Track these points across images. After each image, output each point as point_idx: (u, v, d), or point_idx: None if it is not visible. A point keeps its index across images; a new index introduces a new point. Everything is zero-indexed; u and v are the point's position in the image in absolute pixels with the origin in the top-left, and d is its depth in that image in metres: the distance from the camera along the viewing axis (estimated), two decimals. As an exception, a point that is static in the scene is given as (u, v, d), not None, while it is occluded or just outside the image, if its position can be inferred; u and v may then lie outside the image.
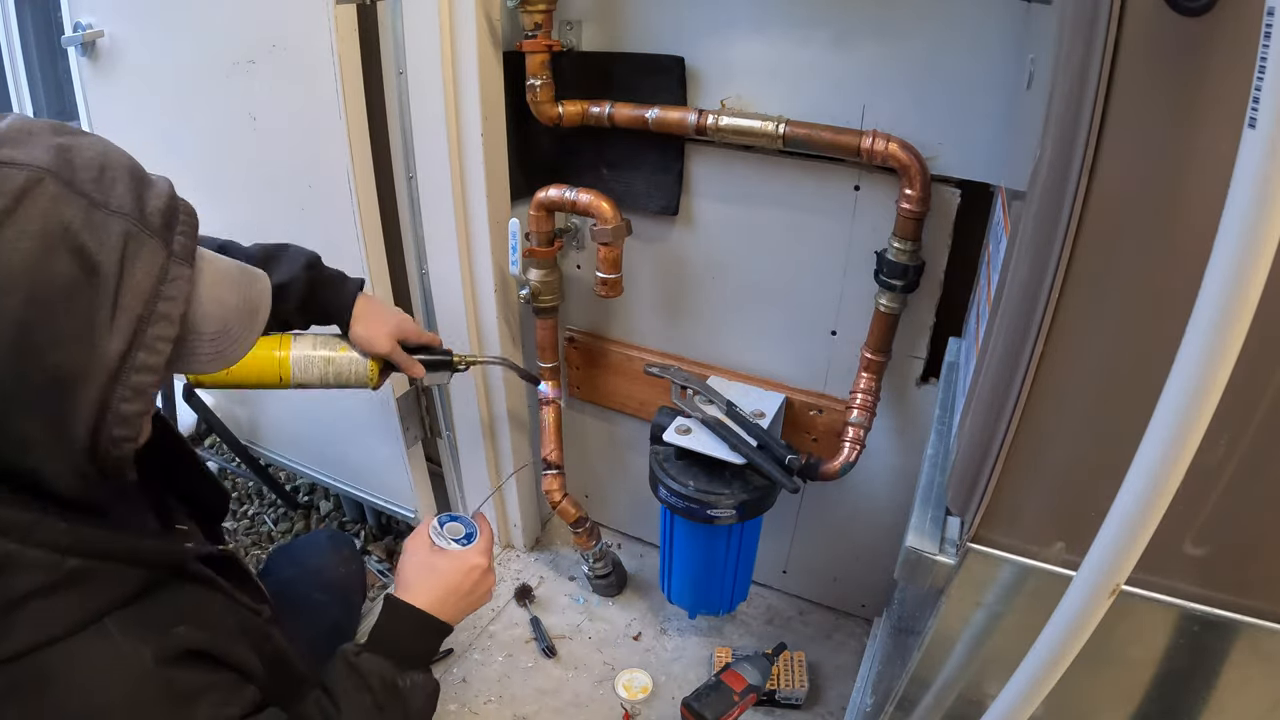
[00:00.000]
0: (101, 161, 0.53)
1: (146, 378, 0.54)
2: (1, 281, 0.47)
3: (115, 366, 0.53)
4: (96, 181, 0.52)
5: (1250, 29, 0.38)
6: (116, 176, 0.54)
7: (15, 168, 0.48)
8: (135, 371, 0.54)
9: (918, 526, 0.71)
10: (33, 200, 0.48)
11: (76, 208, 0.50)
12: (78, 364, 0.51)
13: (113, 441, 0.55)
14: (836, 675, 1.43)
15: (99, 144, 0.55)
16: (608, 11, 1.19)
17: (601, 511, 1.76)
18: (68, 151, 0.52)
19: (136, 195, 0.54)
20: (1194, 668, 0.63)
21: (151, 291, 0.54)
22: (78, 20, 1.52)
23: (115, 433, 0.54)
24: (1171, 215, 0.48)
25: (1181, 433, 0.44)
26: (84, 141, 0.54)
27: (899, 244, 1.08)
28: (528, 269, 1.33)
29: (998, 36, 0.94)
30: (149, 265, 0.54)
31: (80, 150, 0.53)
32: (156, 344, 0.54)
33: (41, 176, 0.49)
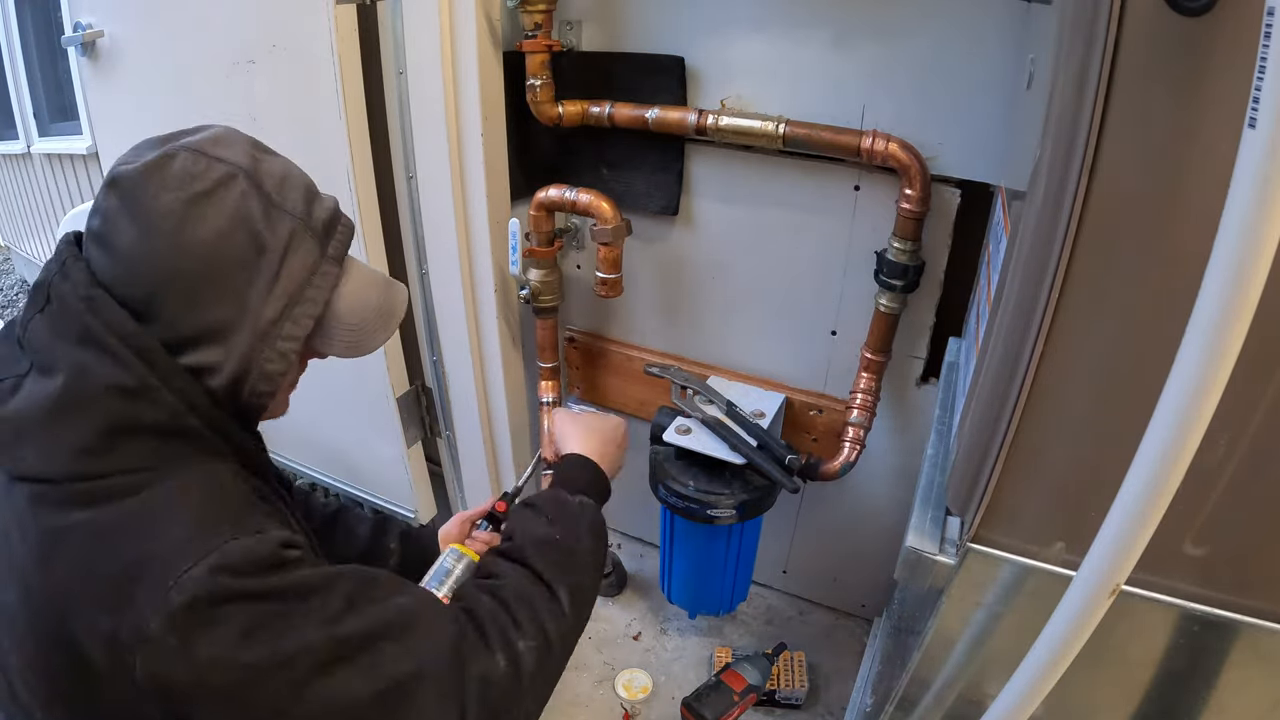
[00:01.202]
0: (284, 173, 0.68)
1: (289, 345, 0.67)
2: (190, 245, 0.61)
3: (265, 330, 0.65)
4: (278, 188, 0.66)
5: (1250, 29, 0.38)
6: (293, 187, 0.68)
7: (221, 163, 0.63)
8: (280, 339, 0.66)
9: (918, 526, 0.71)
10: (228, 189, 0.63)
11: (259, 202, 0.64)
12: (234, 322, 0.64)
13: (254, 394, 0.67)
14: (836, 675, 1.43)
15: (286, 162, 0.70)
16: (608, 11, 1.19)
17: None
18: (260, 161, 0.66)
19: (306, 204, 0.68)
20: (1194, 668, 0.63)
21: (304, 279, 0.67)
22: (78, 20, 1.52)
23: (258, 386, 0.66)
24: (1171, 215, 0.48)
25: (1181, 433, 0.44)
26: (274, 157, 0.69)
27: (899, 244, 1.08)
28: (528, 269, 1.33)
29: (998, 36, 0.94)
30: (305, 259, 0.67)
31: (270, 162, 0.68)
32: (301, 320, 0.67)
33: (237, 173, 0.63)
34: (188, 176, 0.61)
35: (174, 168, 0.62)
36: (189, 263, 0.61)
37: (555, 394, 1.46)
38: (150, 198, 0.61)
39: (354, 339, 0.72)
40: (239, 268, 0.63)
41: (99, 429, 0.60)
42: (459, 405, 1.55)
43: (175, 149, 0.63)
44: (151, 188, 0.61)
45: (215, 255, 0.62)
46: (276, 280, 0.65)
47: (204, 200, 0.61)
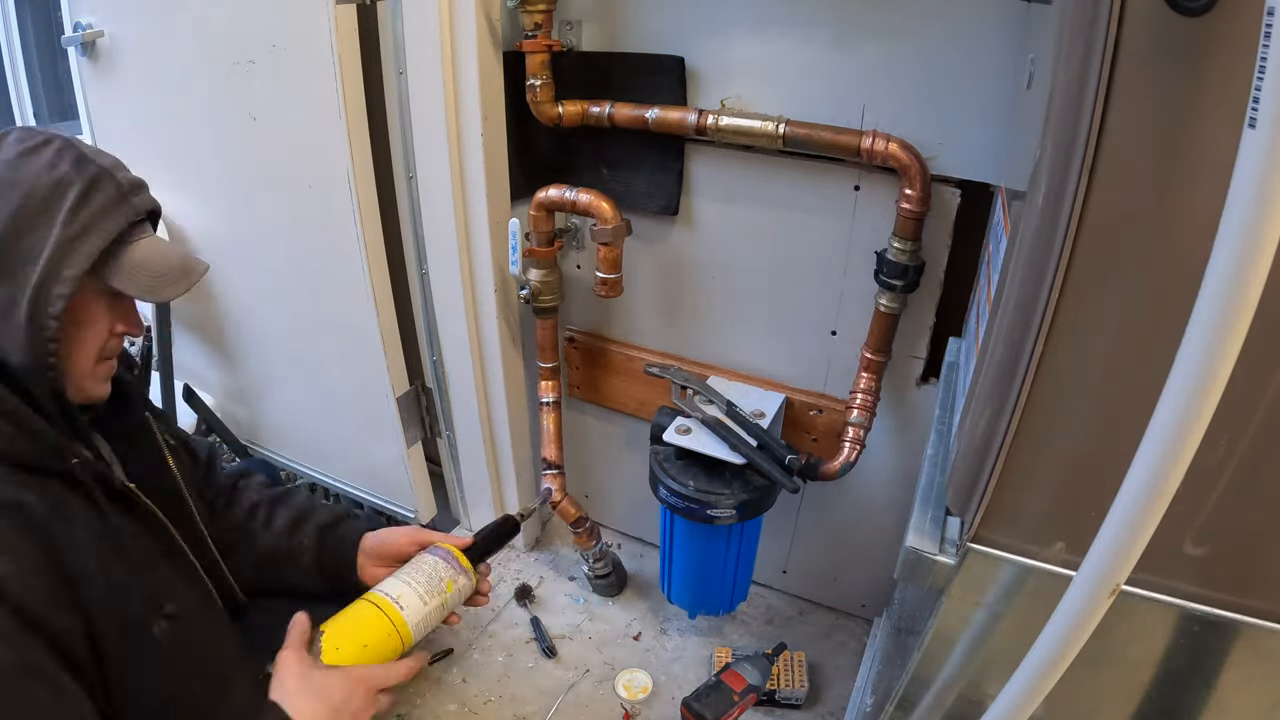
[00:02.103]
0: (102, 151, 0.80)
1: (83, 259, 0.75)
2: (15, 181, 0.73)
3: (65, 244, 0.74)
4: (94, 153, 0.79)
5: (1250, 29, 0.38)
6: (106, 156, 0.80)
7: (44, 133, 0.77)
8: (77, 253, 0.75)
9: (918, 526, 0.71)
10: (48, 145, 0.76)
11: (71, 155, 0.77)
12: (41, 244, 0.74)
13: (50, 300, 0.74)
14: (836, 675, 1.43)
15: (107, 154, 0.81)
16: (608, 11, 1.19)
17: (601, 511, 1.76)
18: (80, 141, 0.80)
19: (116, 166, 0.80)
20: (1194, 668, 0.63)
21: (103, 209, 0.77)
22: (78, 20, 1.52)
23: (54, 290, 0.74)
24: (1171, 215, 0.48)
25: (1181, 433, 0.44)
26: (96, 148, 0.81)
27: (899, 244, 1.08)
28: (528, 269, 1.33)
29: (998, 36, 0.94)
30: (106, 196, 0.78)
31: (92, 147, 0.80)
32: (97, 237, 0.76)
33: (57, 138, 0.77)
34: (19, 140, 0.76)
35: (10, 137, 0.77)
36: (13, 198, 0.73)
37: (555, 394, 1.46)
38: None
39: (151, 284, 0.81)
40: (49, 200, 0.75)
41: None
42: (459, 405, 1.55)
43: (11, 128, 0.78)
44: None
45: (33, 189, 0.74)
46: (79, 207, 0.76)
47: (29, 152, 0.75)
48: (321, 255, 1.44)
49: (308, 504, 1.09)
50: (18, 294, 0.73)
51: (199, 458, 1.08)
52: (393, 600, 0.89)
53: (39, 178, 0.74)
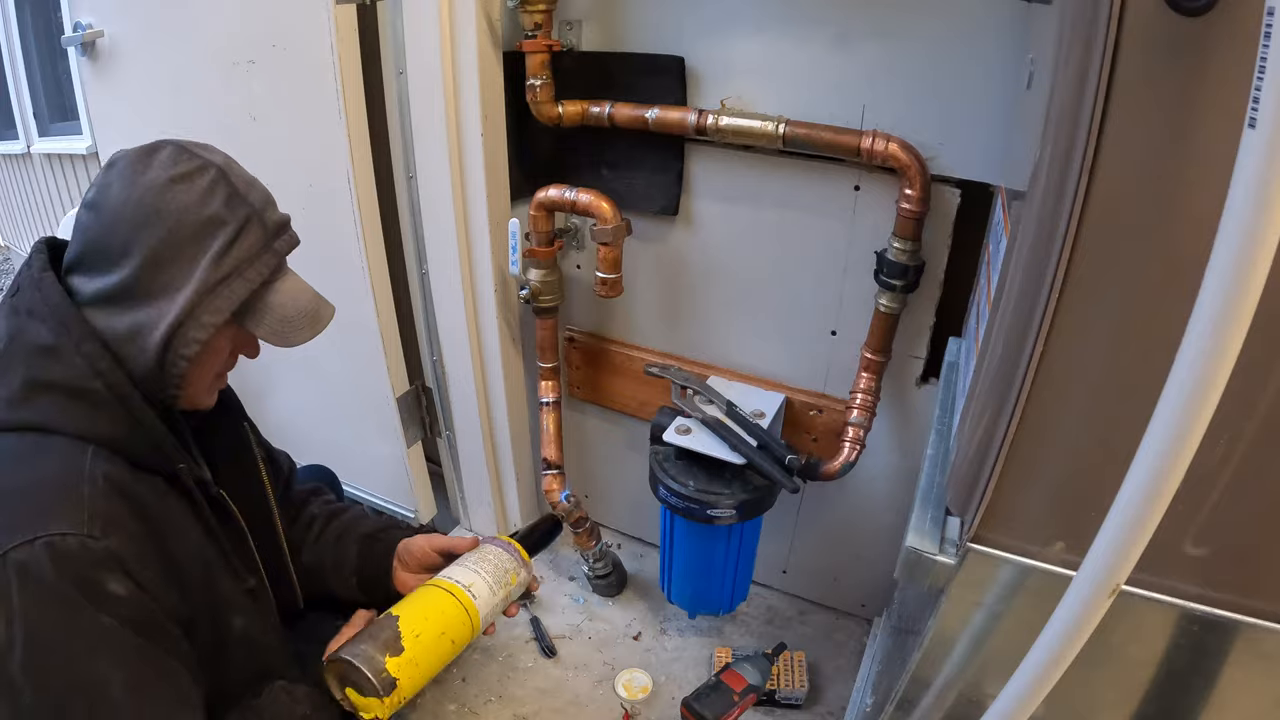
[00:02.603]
0: (251, 179, 0.81)
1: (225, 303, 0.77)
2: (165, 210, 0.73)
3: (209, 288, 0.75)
4: (245, 186, 0.79)
5: (1250, 29, 0.38)
6: (257, 189, 0.80)
7: (199, 158, 0.76)
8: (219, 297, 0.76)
9: (918, 526, 0.71)
10: (201, 175, 0.75)
11: (224, 190, 0.76)
12: (186, 278, 0.74)
13: (185, 342, 0.75)
14: (836, 675, 1.43)
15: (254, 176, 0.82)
16: (608, 11, 1.19)
17: (601, 511, 1.76)
18: (233, 166, 0.79)
19: (264, 204, 0.80)
20: (1194, 668, 0.63)
21: (251, 255, 0.78)
22: (78, 20, 1.52)
23: (191, 334, 0.75)
24: (1171, 215, 0.48)
25: (1181, 433, 0.44)
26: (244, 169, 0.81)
27: (899, 244, 1.08)
28: (528, 269, 1.33)
29: (998, 36, 0.94)
30: (254, 242, 0.78)
31: (241, 170, 0.80)
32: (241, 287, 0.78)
33: (211, 167, 0.76)
34: (172, 162, 0.75)
35: (162, 154, 0.75)
36: (162, 225, 0.73)
37: (555, 394, 1.46)
38: (140, 172, 0.74)
39: (282, 329, 0.82)
40: (199, 236, 0.75)
41: (22, 381, 0.72)
42: (459, 405, 1.55)
43: (164, 143, 0.77)
44: (142, 165, 0.74)
45: (182, 222, 0.74)
46: (227, 251, 0.76)
47: (182, 180, 0.74)
48: (321, 255, 1.43)
49: (358, 515, 1.12)
50: (149, 325, 0.74)
51: (282, 470, 1.12)
52: (464, 587, 0.89)
53: (188, 212, 0.74)
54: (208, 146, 0.79)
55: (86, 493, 0.70)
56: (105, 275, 0.74)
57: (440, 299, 1.43)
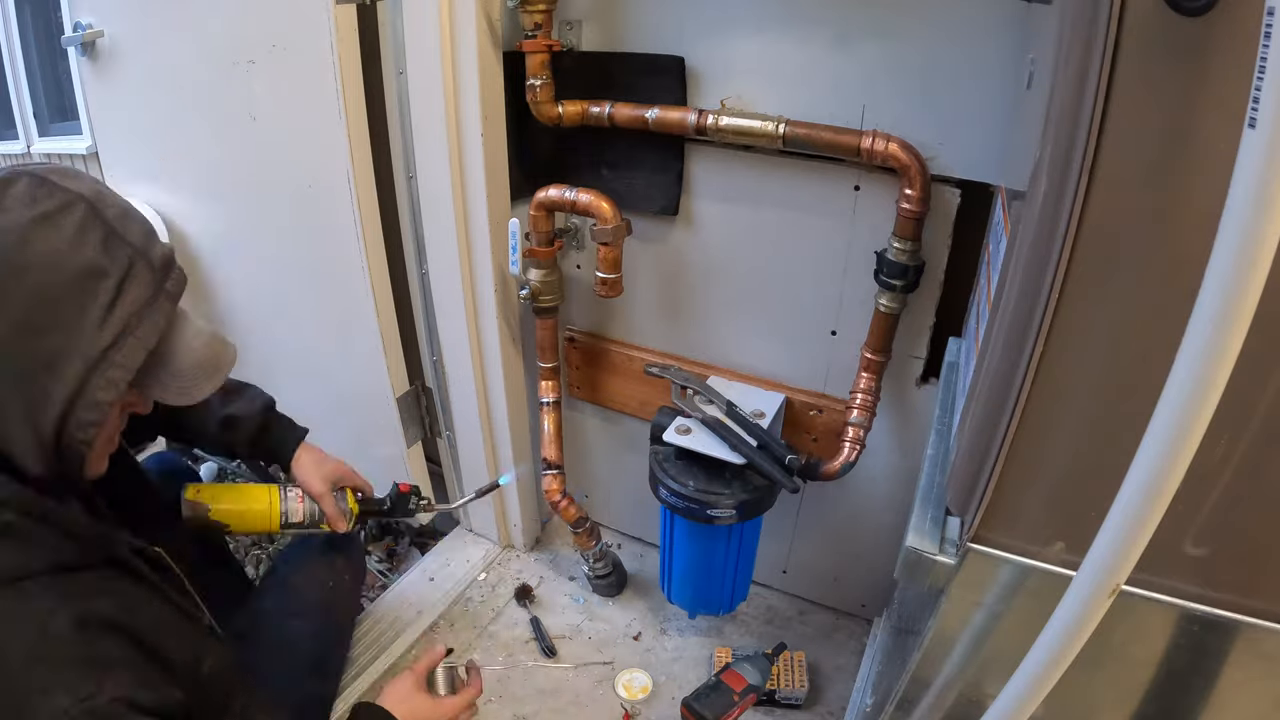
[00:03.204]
0: (125, 208, 0.68)
1: (119, 374, 0.65)
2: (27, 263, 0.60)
3: (97, 358, 0.63)
4: (120, 219, 0.66)
5: (1250, 29, 0.38)
6: (134, 221, 0.68)
7: (63, 190, 0.63)
8: (112, 366, 0.64)
9: (918, 526, 0.71)
10: (69, 214, 0.62)
11: (99, 230, 0.64)
12: (67, 348, 0.62)
13: (79, 426, 0.64)
14: (836, 675, 1.43)
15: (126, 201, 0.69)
16: (608, 11, 1.19)
17: (601, 511, 1.76)
18: (102, 194, 0.66)
19: (145, 239, 0.68)
20: (1194, 668, 0.63)
21: (140, 309, 0.66)
22: (78, 20, 1.52)
23: (84, 416, 0.64)
24: (1171, 215, 0.48)
25: (1181, 433, 0.44)
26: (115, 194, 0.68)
27: (899, 244, 1.08)
28: (528, 269, 1.33)
29: (998, 36, 0.94)
30: (142, 290, 0.66)
31: (112, 196, 0.67)
32: (135, 350, 0.65)
33: (79, 201, 0.63)
34: (29, 199, 0.61)
35: (16, 189, 0.61)
36: (25, 284, 0.60)
37: (555, 394, 1.46)
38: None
39: (182, 386, 0.72)
40: (76, 292, 0.62)
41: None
42: (459, 405, 1.55)
43: (19, 173, 0.62)
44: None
45: (53, 277, 0.61)
46: (112, 308, 0.63)
47: (44, 222, 0.60)
48: (321, 255, 1.44)
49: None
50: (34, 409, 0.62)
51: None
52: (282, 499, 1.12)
53: (60, 262, 0.60)
54: (71, 172, 0.66)
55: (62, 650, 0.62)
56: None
57: (440, 299, 1.43)
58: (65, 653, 0.62)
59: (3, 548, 0.62)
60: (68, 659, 0.61)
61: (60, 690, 0.60)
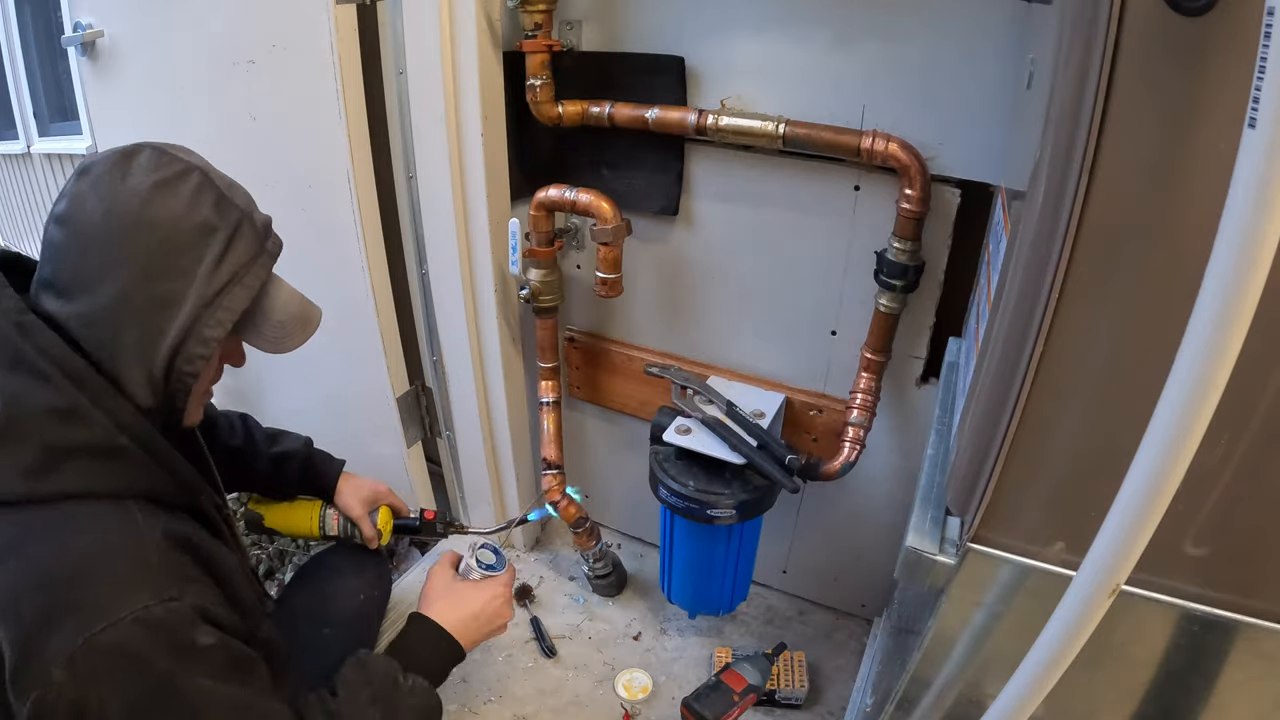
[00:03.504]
0: (232, 180, 0.78)
1: (226, 315, 0.74)
2: (152, 221, 0.69)
3: (209, 299, 0.72)
4: (228, 187, 0.76)
5: (1250, 29, 0.38)
6: (239, 191, 0.78)
7: (181, 161, 0.73)
8: (220, 309, 0.73)
9: (918, 526, 0.71)
10: (186, 179, 0.72)
11: (212, 194, 0.73)
12: (183, 291, 0.71)
13: (188, 359, 0.73)
14: (836, 675, 1.43)
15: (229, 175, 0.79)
16: (608, 11, 1.19)
17: (601, 511, 1.76)
18: (212, 167, 0.77)
19: (250, 205, 0.78)
20: (1194, 668, 0.63)
21: (245, 263, 0.75)
22: (78, 20, 1.52)
23: (193, 350, 0.72)
24: (1171, 215, 0.48)
25: (1181, 433, 0.44)
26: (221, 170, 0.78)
27: (899, 244, 1.08)
28: (528, 269, 1.33)
29: (998, 36, 0.94)
30: (248, 246, 0.76)
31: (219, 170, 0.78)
32: (241, 296, 0.75)
33: (195, 169, 0.73)
34: (153, 166, 0.71)
35: (140, 159, 0.71)
36: (150, 238, 0.69)
37: (555, 394, 1.46)
38: (119, 181, 0.69)
39: (277, 335, 0.81)
40: (192, 245, 0.71)
41: (40, 450, 0.66)
42: (459, 405, 1.55)
43: (141, 146, 0.72)
44: (120, 173, 0.70)
45: (173, 232, 0.70)
46: (223, 259, 0.73)
47: (166, 186, 0.70)
48: (321, 255, 1.43)
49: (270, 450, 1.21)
50: (148, 344, 0.70)
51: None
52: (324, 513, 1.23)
53: (179, 221, 0.70)
54: (184, 148, 0.76)
55: (153, 556, 0.69)
56: (89, 296, 0.68)
57: (440, 299, 1.43)
58: (154, 559, 0.69)
59: (113, 465, 0.70)
60: (156, 565, 0.68)
61: (146, 589, 0.66)
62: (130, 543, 0.68)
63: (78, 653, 0.61)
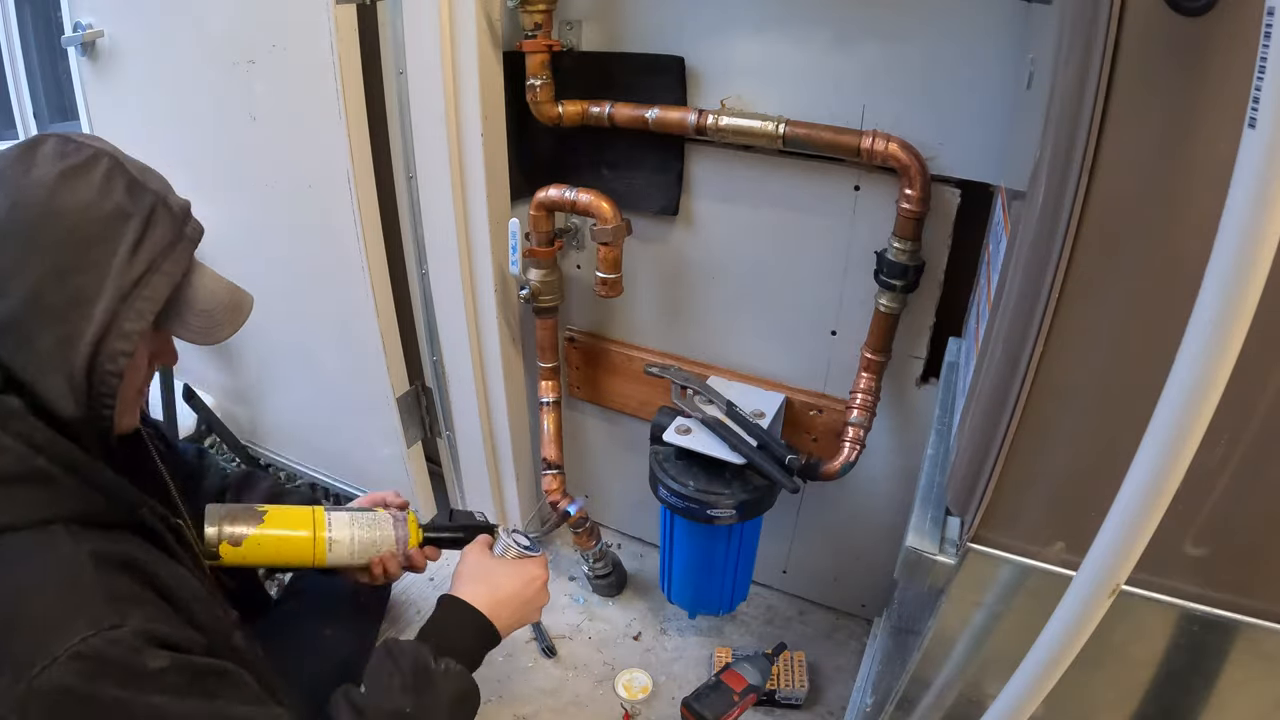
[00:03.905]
0: (143, 165, 0.74)
1: (146, 305, 0.69)
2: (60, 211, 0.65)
3: (126, 290, 0.68)
4: (140, 172, 0.72)
5: (1250, 29, 0.38)
6: (153, 175, 0.74)
7: (88, 147, 0.69)
8: (139, 299, 0.69)
9: (918, 526, 0.71)
10: (95, 164, 0.68)
11: (123, 179, 0.69)
12: (97, 285, 0.66)
13: (110, 357, 0.67)
14: (836, 675, 1.43)
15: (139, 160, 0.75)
16: (608, 11, 1.19)
17: (601, 511, 1.76)
18: (121, 151, 0.73)
19: (165, 188, 0.74)
20: (1194, 668, 0.63)
21: (163, 249, 0.71)
22: (78, 20, 1.52)
23: (115, 346, 0.67)
24: (1171, 215, 0.48)
25: (1181, 433, 0.44)
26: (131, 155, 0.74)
27: (899, 244, 1.08)
28: (528, 269, 1.33)
29: (998, 36, 0.94)
30: (165, 231, 0.71)
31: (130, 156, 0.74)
32: (161, 284, 0.70)
33: (104, 155, 0.69)
34: (58, 155, 0.67)
35: (45, 148, 0.67)
36: (58, 229, 0.65)
37: (555, 394, 1.46)
38: (22, 173, 0.66)
39: (204, 325, 0.76)
40: (105, 236, 0.67)
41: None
42: (459, 405, 1.55)
43: (45, 136, 0.69)
44: (24, 166, 0.66)
45: (83, 222, 0.66)
46: (139, 247, 0.69)
47: (73, 174, 0.67)
48: (321, 255, 1.44)
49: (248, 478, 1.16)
50: (65, 346, 0.66)
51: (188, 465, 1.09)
52: (328, 523, 0.98)
53: (89, 208, 0.66)
54: (93, 136, 0.72)
55: (86, 583, 0.64)
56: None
57: (440, 299, 1.43)
58: (88, 587, 0.64)
59: (33, 491, 0.65)
60: (91, 592, 0.64)
61: (83, 620, 0.62)
62: (58, 574, 0.63)
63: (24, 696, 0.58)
